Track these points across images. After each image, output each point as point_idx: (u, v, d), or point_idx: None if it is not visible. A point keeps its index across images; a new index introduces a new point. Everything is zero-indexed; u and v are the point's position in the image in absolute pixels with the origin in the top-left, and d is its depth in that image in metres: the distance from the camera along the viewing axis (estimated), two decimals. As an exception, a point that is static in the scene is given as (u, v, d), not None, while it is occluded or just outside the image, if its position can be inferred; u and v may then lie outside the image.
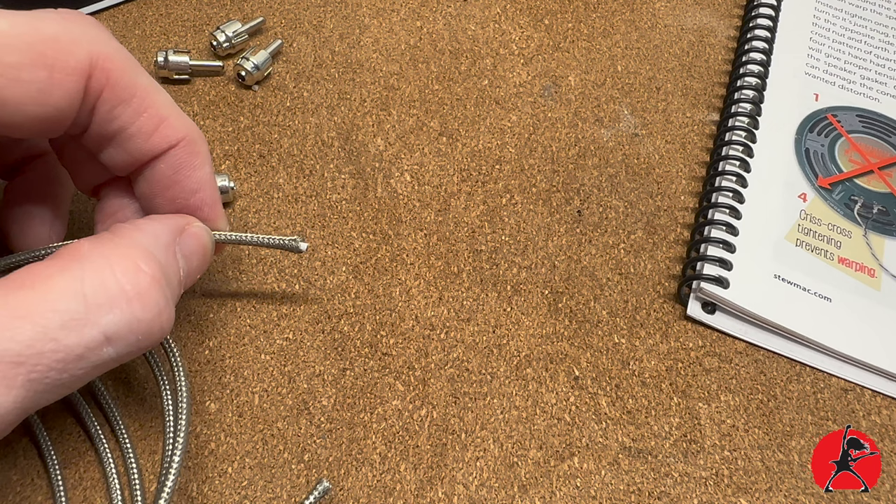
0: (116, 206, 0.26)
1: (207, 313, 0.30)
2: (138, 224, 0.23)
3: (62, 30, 0.21)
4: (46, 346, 0.19)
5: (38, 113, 0.21)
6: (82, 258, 0.20)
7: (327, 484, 0.26)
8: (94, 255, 0.20)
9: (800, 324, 0.31)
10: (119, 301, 0.20)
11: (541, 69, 0.40)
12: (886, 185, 0.37)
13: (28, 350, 0.18)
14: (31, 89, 0.21)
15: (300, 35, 0.40)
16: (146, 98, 0.23)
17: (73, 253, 0.21)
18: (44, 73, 0.21)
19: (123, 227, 0.23)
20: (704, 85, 0.41)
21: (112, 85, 0.22)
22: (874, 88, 0.41)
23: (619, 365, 0.31)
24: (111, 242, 0.21)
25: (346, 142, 0.36)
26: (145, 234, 0.23)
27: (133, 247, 0.22)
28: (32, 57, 0.20)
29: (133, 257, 0.21)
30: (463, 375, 0.30)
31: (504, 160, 0.36)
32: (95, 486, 0.26)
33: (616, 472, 0.28)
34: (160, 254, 0.22)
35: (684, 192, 0.36)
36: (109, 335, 0.20)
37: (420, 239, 0.33)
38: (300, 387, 0.29)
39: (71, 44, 0.21)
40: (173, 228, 0.24)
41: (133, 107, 0.23)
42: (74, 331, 0.19)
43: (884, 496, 0.28)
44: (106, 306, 0.20)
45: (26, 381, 0.18)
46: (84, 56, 0.21)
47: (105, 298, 0.20)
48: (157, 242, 0.23)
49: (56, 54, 0.21)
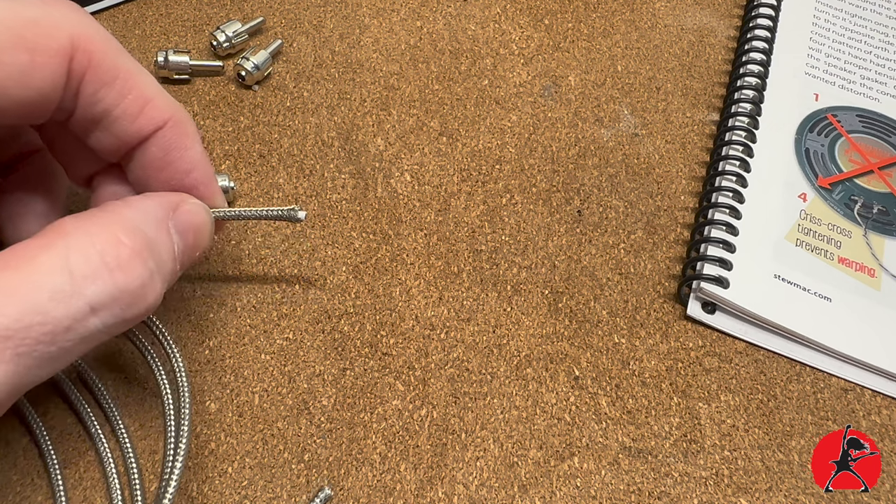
0: (110, 195, 0.26)
1: (207, 313, 0.30)
2: (129, 200, 0.23)
3: (42, 13, 0.21)
4: (34, 319, 0.19)
5: (21, 96, 0.21)
6: (66, 234, 0.21)
7: (329, 491, 0.26)
8: (78, 231, 0.21)
9: (800, 324, 0.31)
10: (101, 272, 0.20)
11: (541, 69, 0.40)
12: (886, 184, 0.37)
13: (16, 324, 0.18)
14: (13, 72, 0.21)
15: (300, 35, 0.40)
16: (130, 79, 0.23)
17: (57, 230, 0.21)
18: (25, 55, 0.21)
19: (113, 203, 0.23)
20: (704, 85, 0.41)
21: (95, 66, 0.22)
22: (874, 88, 0.41)
23: (619, 365, 0.31)
24: (94, 217, 0.22)
25: (346, 142, 0.36)
26: (134, 209, 0.23)
27: (116, 221, 0.22)
28: (13, 40, 0.20)
29: (114, 231, 0.21)
30: (463, 375, 0.30)
31: (504, 160, 0.36)
32: (95, 486, 0.26)
33: (616, 471, 0.28)
34: (148, 228, 0.22)
35: (684, 191, 0.36)
36: (95, 305, 0.20)
37: (420, 239, 0.33)
38: (300, 387, 0.29)
39: (52, 26, 0.21)
40: (166, 205, 0.24)
41: (117, 88, 0.23)
42: (61, 303, 0.19)
43: (884, 496, 0.28)
44: (90, 278, 0.20)
45: (14, 355, 0.19)
46: (65, 38, 0.21)
47: (89, 270, 0.20)
48: (146, 217, 0.23)
49: (37, 37, 0.21)
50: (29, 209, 0.27)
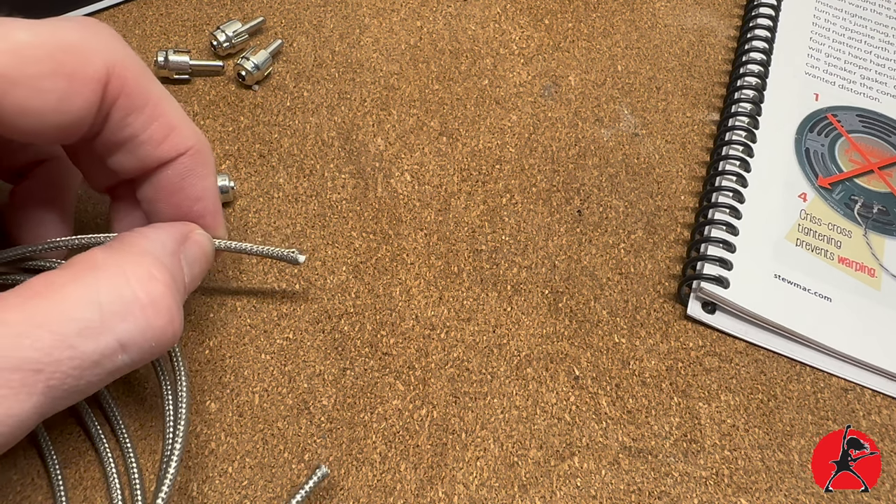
0: (132, 205, 0.27)
1: (207, 313, 0.30)
2: (144, 233, 0.24)
3: (80, 39, 0.21)
4: (64, 353, 0.19)
5: (57, 121, 0.21)
6: (96, 267, 0.21)
7: (325, 469, 0.26)
8: (109, 264, 0.21)
9: (800, 324, 0.31)
10: (133, 309, 0.20)
11: (541, 69, 0.40)
12: (886, 184, 0.37)
13: (47, 357, 0.19)
14: (52, 98, 0.21)
15: (300, 35, 0.40)
16: (158, 106, 0.24)
17: (87, 262, 0.21)
18: (64, 82, 0.21)
19: (130, 235, 0.23)
20: (704, 85, 0.41)
21: (127, 93, 0.23)
22: (874, 88, 0.41)
23: (619, 364, 0.31)
24: (123, 251, 0.22)
25: (346, 141, 0.36)
26: (153, 243, 0.23)
27: (144, 255, 0.22)
28: (53, 67, 0.21)
29: (146, 265, 0.22)
30: (463, 375, 0.30)
31: (504, 160, 0.36)
32: (96, 486, 0.26)
33: (616, 471, 0.28)
34: (168, 262, 0.23)
35: (684, 191, 0.36)
36: (124, 342, 0.20)
37: (420, 239, 0.33)
38: (300, 386, 0.29)
39: (89, 52, 0.21)
40: (178, 236, 0.24)
41: (146, 115, 0.23)
42: (91, 338, 0.20)
43: (884, 496, 0.28)
44: (121, 314, 0.20)
45: (45, 387, 0.19)
46: (101, 65, 0.22)
47: (120, 306, 0.20)
48: (164, 250, 0.23)
49: (75, 63, 0.21)
50: (40, 215, 0.27)
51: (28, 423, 0.19)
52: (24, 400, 0.18)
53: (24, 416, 0.19)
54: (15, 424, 0.19)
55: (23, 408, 0.18)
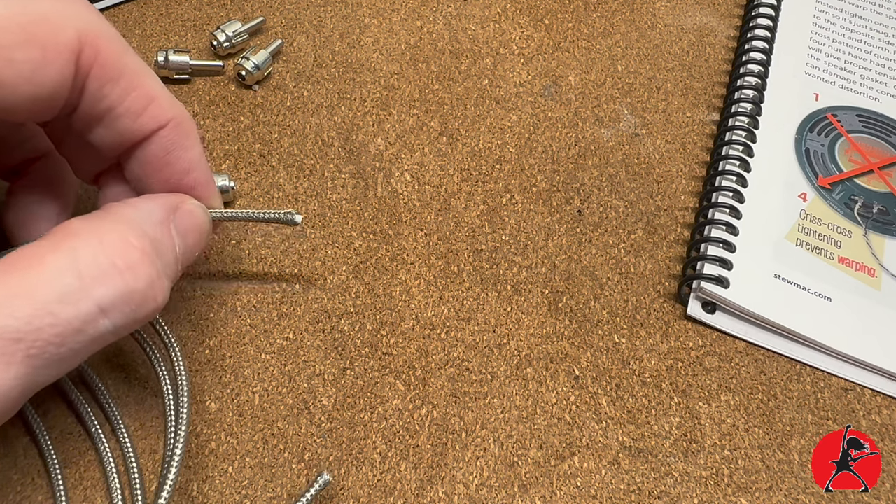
0: (116, 193, 0.27)
1: (207, 313, 0.30)
2: (132, 202, 0.24)
3: (51, 8, 0.21)
4: (44, 321, 0.19)
5: (32, 93, 0.21)
6: (74, 235, 0.21)
7: (327, 476, 0.26)
8: (85, 233, 0.21)
9: (800, 323, 0.31)
10: (111, 273, 0.20)
11: (541, 69, 0.40)
12: (886, 184, 0.37)
13: (27, 326, 0.19)
14: (25, 69, 0.21)
15: (300, 35, 0.40)
16: (135, 77, 0.23)
17: (65, 231, 0.21)
18: (37, 52, 0.21)
19: (116, 205, 0.23)
20: (704, 85, 0.41)
21: (101, 63, 0.22)
22: (874, 88, 0.41)
23: (619, 364, 0.31)
24: (101, 219, 0.22)
25: (346, 141, 0.36)
26: (138, 211, 0.23)
27: (122, 223, 0.22)
28: (25, 37, 0.20)
29: (122, 232, 0.21)
30: (463, 375, 0.30)
31: (504, 160, 0.36)
32: (96, 486, 0.26)
33: (616, 471, 0.28)
34: (152, 229, 0.23)
35: (684, 191, 0.36)
36: (104, 307, 0.20)
37: (420, 238, 0.33)
38: (300, 386, 0.29)
39: (61, 21, 0.21)
40: (167, 206, 0.24)
41: (122, 85, 0.23)
42: (71, 304, 0.19)
43: (884, 496, 0.28)
44: (99, 279, 0.20)
45: (26, 356, 0.19)
46: (74, 33, 0.21)
47: (98, 271, 0.20)
48: (150, 218, 0.23)
49: (47, 33, 0.21)
50: (38, 213, 0.27)
51: (12, 395, 0.19)
52: (3, 370, 0.18)
53: (5, 387, 0.18)
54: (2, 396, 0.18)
55: (4, 378, 0.18)
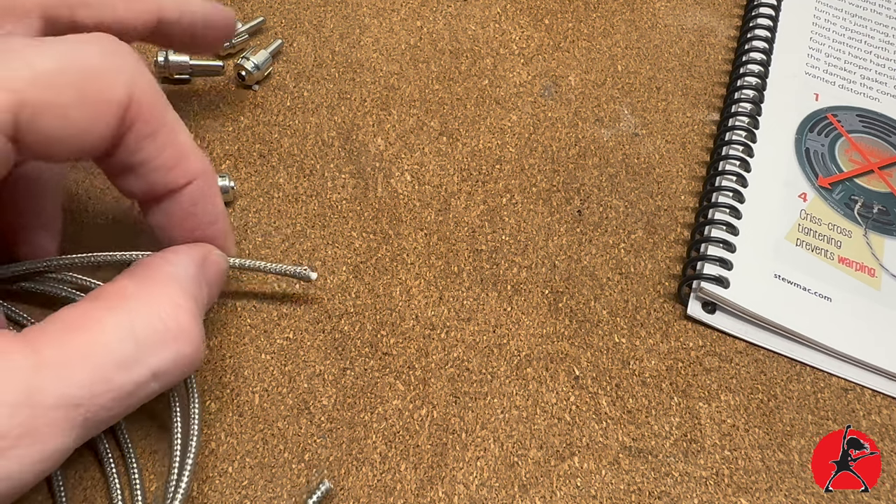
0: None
1: (207, 313, 0.30)
2: (168, 259, 0.24)
3: (102, 62, 0.21)
4: (101, 387, 0.19)
5: (80, 145, 0.21)
6: (128, 298, 0.21)
7: (329, 484, 0.26)
8: (140, 295, 0.22)
9: (800, 323, 0.31)
10: (166, 339, 0.21)
11: (541, 69, 0.40)
12: (887, 184, 0.37)
13: (86, 392, 0.19)
14: (80, 126, 0.21)
15: (300, 35, 0.40)
16: (171, 133, 0.24)
17: (118, 293, 0.22)
18: (90, 109, 0.21)
19: (154, 261, 0.24)
20: (704, 85, 0.41)
21: (144, 118, 0.22)
22: (874, 88, 0.41)
23: (619, 364, 0.31)
24: (150, 280, 0.22)
25: (346, 141, 0.36)
26: (177, 267, 0.23)
27: (171, 283, 0.23)
28: (79, 95, 0.21)
29: (174, 295, 0.22)
30: (463, 375, 0.30)
31: (504, 160, 0.36)
32: (96, 486, 0.26)
33: (616, 471, 0.28)
34: (191, 286, 0.23)
35: (684, 191, 0.36)
36: (157, 372, 0.21)
37: (420, 238, 0.33)
38: (300, 386, 0.29)
39: (112, 77, 0.21)
40: (199, 259, 0.25)
41: (160, 140, 0.23)
42: (127, 371, 0.20)
43: (884, 496, 0.28)
44: (154, 345, 0.21)
45: (83, 420, 0.19)
46: (124, 90, 0.22)
47: (153, 338, 0.21)
48: (187, 275, 0.24)
49: (100, 90, 0.21)
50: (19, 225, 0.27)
51: (67, 455, 0.19)
52: (66, 434, 0.19)
53: (65, 450, 0.19)
54: (58, 459, 0.19)
55: (65, 442, 0.19)
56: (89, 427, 0.19)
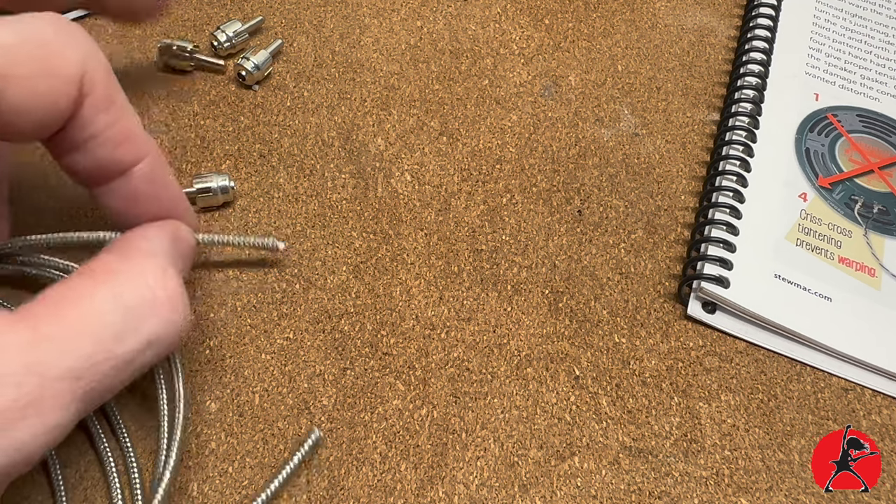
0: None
1: (207, 313, 0.30)
2: (143, 234, 0.24)
3: (56, 38, 0.22)
4: (101, 356, 0.20)
5: (44, 117, 0.22)
6: (115, 272, 0.22)
7: (319, 433, 0.26)
8: (125, 268, 0.22)
9: (800, 323, 0.31)
10: (156, 307, 0.22)
11: (541, 69, 0.40)
12: (887, 184, 0.37)
13: (88, 363, 0.20)
14: (45, 97, 0.21)
15: (300, 35, 0.40)
16: (121, 110, 0.24)
17: (105, 268, 0.22)
18: (52, 81, 0.21)
19: (133, 239, 0.24)
20: (704, 85, 0.41)
21: (96, 93, 0.22)
22: (874, 88, 0.41)
23: (619, 364, 0.31)
24: (134, 254, 0.23)
25: (346, 141, 0.36)
26: (154, 243, 0.24)
27: (152, 256, 0.23)
28: (42, 67, 0.21)
29: (159, 265, 0.23)
30: (463, 375, 0.30)
31: (504, 160, 0.36)
32: (96, 486, 0.26)
33: (616, 471, 0.28)
34: (170, 258, 0.24)
35: (684, 191, 0.36)
36: (151, 339, 0.21)
37: (420, 238, 0.33)
38: (300, 386, 0.29)
39: (66, 50, 0.22)
40: (170, 235, 0.25)
41: (110, 115, 0.23)
42: (124, 341, 0.21)
43: (884, 496, 0.28)
44: (146, 314, 0.21)
45: (84, 392, 0.20)
46: (78, 64, 0.22)
47: (144, 307, 0.21)
48: (164, 249, 0.24)
49: (58, 63, 0.21)
50: None
51: (67, 430, 0.20)
52: (68, 406, 0.19)
53: (67, 423, 0.19)
54: (60, 433, 0.19)
55: (67, 415, 0.19)
56: (88, 401, 0.20)
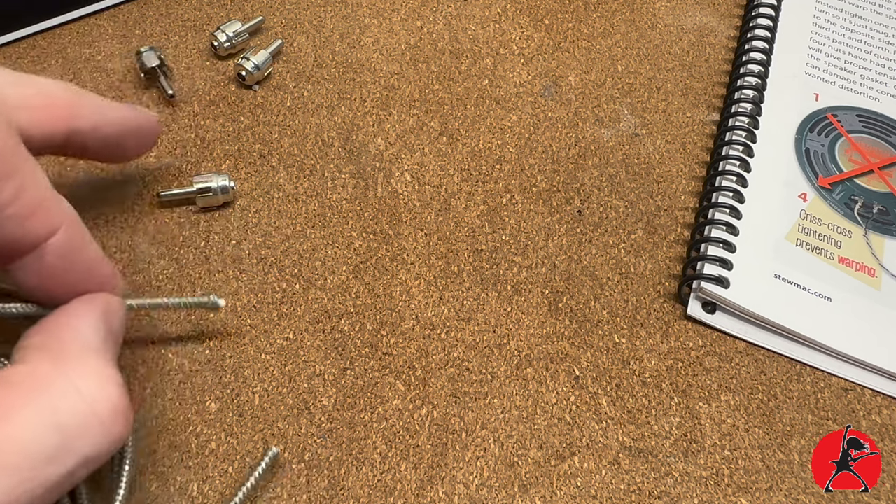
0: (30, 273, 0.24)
1: (207, 313, 0.30)
2: (72, 323, 0.22)
3: None
4: (32, 483, 0.18)
5: None
6: (46, 382, 0.20)
7: (276, 450, 0.26)
8: (57, 377, 0.20)
9: (800, 323, 0.31)
10: (93, 424, 0.20)
11: (541, 69, 0.40)
12: (886, 184, 0.37)
13: (14, 491, 0.18)
14: None
15: (300, 35, 0.40)
16: (29, 176, 0.21)
17: (35, 377, 0.20)
18: None
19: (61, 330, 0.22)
20: (704, 85, 0.41)
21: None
22: (874, 88, 0.41)
23: (619, 364, 0.31)
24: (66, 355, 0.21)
25: (346, 141, 0.36)
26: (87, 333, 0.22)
27: (87, 354, 0.21)
28: None
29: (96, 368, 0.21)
30: (463, 375, 0.30)
31: (504, 160, 0.36)
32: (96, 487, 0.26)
33: (616, 471, 0.28)
34: (106, 349, 0.22)
35: (684, 191, 0.36)
36: (89, 457, 0.20)
37: (420, 239, 0.33)
38: (300, 386, 0.29)
39: None
40: (101, 314, 0.23)
41: (11, 186, 0.20)
42: (57, 462, 0.19)
43: (884, 496, 0.28)
44: (82, 433, 0.19)
45: None
46: None
47: (81, 426, 0.19)
48: (98, 338, 0.22)
49: None
50: None
51: None
52: None
53: None
54: None
55: None
56: None
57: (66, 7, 0.38)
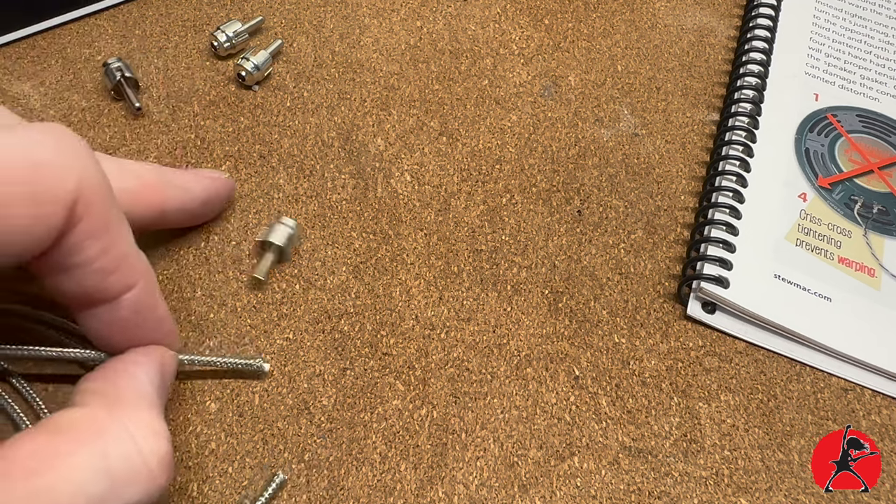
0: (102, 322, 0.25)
1: (207, 313, 0.30)
2: (131, 371, 0.23)
3: (53, 157, 0.20)
4: None
5: (20, 243, 0.20)
6: (101, 430, 0.20)
7: (283, 476, 0.26)
8: (113, 426, 0.20)
9: (800, 323, 0.31)
10: (142, 472, 0.20)
11: (541, 69, 0.40)
12: (886, 184, 0.37)
13: None
14: (21, 223, 0.19)
15: (300, 35, 0.40)
16: (116, 234, 0.22)
17: (90, 423, 0.20)
18: (35, 207, 0.19)
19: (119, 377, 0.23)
20: (704, 85, 0.41)
21: (90, 217, 0.21)
22: (874, 88, 0.41)
23: (619, 364, 0.31)
24: (122, 404, 0.21)
25: (346, 142, 0.36)
26: (144, 383, 0.23)
27: (142, 405, 0.22)
28: (26, 190, 0.19)
29: (149, 421, 0.21)
30: (463, 375, 0.30)
31: (504, 160, 0.36)
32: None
33: (616, 471, 0.28)
34: (159, 401, 0.23)
35: (684, 191, 0.36)
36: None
37: (420, 239, 0.33)
38: (300, 386, 0.29)
39: (63, 171, 0.20)
40: (158, 367, 0.24)
41: (102, 242, 0.21)
42: None
43: (884, 496, 0.28)
44: (130, 480, 0.20)
45: None
46: (73, 186, 0.20)
47: (129, 473, 0.20)
48: (153, 389, 0.23)
49: (48, 185, 0.19)
50: None
51: None
52: None
53: None
54: None
55: None
56: None
57: (66, 7, 0.38)
